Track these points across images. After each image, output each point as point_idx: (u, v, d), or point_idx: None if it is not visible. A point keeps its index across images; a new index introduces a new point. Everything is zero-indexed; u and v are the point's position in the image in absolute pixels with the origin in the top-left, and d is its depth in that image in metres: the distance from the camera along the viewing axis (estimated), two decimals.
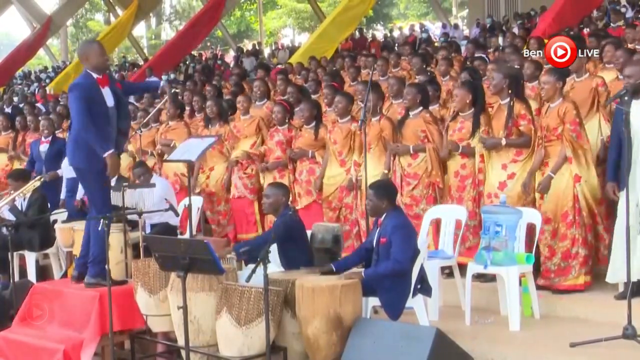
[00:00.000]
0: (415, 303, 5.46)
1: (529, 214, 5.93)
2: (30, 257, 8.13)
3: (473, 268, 5.86)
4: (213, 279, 5.28)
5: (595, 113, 6.72)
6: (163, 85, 6.48)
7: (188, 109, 10.38)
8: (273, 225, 6.05)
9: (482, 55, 10.69)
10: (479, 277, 6.20)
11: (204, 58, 27.25)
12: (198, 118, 10.01)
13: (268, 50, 29.47)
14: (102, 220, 5.64)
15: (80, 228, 6.48)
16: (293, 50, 22.57)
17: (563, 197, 6.13)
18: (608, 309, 5.70)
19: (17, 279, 7.41)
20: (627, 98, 5.33)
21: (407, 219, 5.64)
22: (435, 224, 6.62)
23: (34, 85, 26.56)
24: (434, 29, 29.49)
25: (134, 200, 7.61)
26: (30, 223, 8.07)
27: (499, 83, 6.49)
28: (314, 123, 7.97)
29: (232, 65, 21.90)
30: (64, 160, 8.16)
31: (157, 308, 5.73)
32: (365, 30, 30.95)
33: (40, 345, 6.02)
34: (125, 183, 6.79)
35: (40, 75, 29.72)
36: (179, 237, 7.31)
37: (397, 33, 28.30)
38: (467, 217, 6.35)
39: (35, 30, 30.16)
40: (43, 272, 8.38)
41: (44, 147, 9.65)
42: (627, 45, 8.54)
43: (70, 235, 7.08)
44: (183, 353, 5.23)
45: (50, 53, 38.99)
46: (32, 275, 8.03)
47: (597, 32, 11.65)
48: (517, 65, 8.14)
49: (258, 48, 28.31)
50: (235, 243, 7.91)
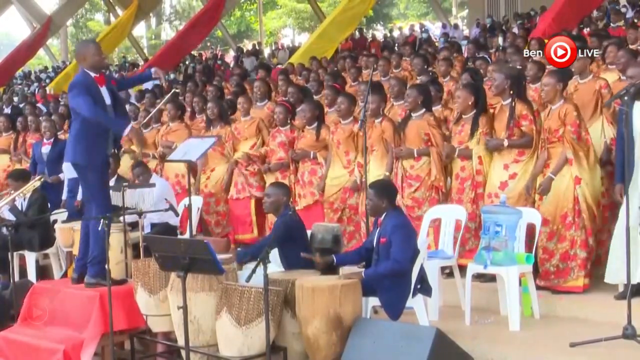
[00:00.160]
0: (415, 303, 5.46)
1: (529, 214, 5.93)
2: (30, 257, 8.13)
3: (473, 268, 5.86)
4: (213, 279, 5.28)
5: (599, 115, 6.72)
6: (155, 71, 6.47)
7: (189, 111, 10.39)
8: (273, 226, 6.05)
9: (484, 56, 10.69)
10: (479, 277, 6.20)
11: (204, 58, 27.24)
12: (199, 119, 10.01)
13: (268, 50, 29.47)
14: (102, 220, 5.65)
15: (80, 228, 6.48)
16: (293, 51, 22.57)
17: (563, 198, 6.13)
18: (608, 309, 5.70)
19: (17, 279, 7.41)
20: (627, 99, 5.32)
21: (406, 219, 5.64)
22: (435, 224, 6.62)
23: (34, 85, 26.56)
24: (434, 29, 29.49)
25: (134, 201, 7.62)
26: (30, 223, 8.07)
27: (501, 84, 6.49)
28: (316, 124, 7.97)
29: (232, 66, 21.90)
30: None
31: (157, 308, 5.73)
32: (365, 30, 30.95)
33: (40, 345, 6.02)
34: (125, 183, 6.78)
35: (40, 75, 29.72)
36: (179, 237, 7.31)
37: (397, 33, 28.29)
38: (466, 218, 6.35)
39: (35, 30, 30.16)
40: (43, 272, 8.38)
41: (46, 149, 9.66)
42: (627, 46, 8.54)
43: (70, 235, 7.08)
44: (183, 353, 5.23)
45: (50, 53, 39.00)
46: (32, 275, 8.02)
47: (598, 32, 11.65)
48: (518, 66, 8.14)
49: (258, 48, 28.31)
50: (236, 246, 7.93)
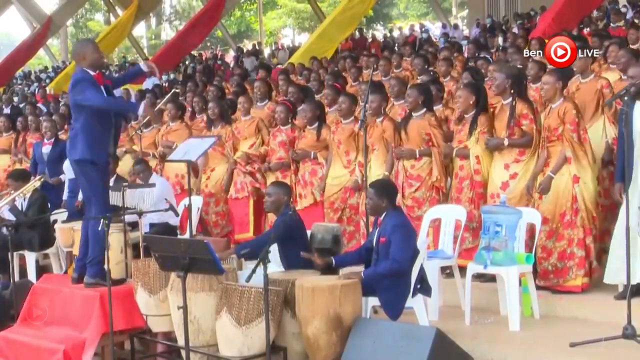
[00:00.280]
0: (415, 303, 5.46)
1: (529, 214, 5.93)
2: (30, 257, 8.13)
3: (473, 268, 5.86)
4: (213, 279, 5.29)
5: (601, 115, 6.71)
6: (148, 65, 6.48)
7: (189, 110, 10.38)
8: (273, 225, 6.06)
9: (485, 56, 10.68)
10: (479, 277, 6.19)
11: (204, 58, 27.24)
12: (199, 119, 10.02)
13: (268, 50, 29.48)
14: (102, 220, 5.65)
15: (80, 228, 6.48)
16: (293, 51, 22.57)
17: (562, 197, 6.13)
18: (607, 309, 5.70)
19: (17, 279, 7.41)
20: (627, 98, 5.32)
21: (406, 219, 5.64)
22: (435, 224, 6.62)
23: (34, 85, 26.56)
24: (434, 29, 29.49)
25: (134, 201, 7.62)
26: (30, 223, 8.07)
27: (502, 83, 6.49)
28: (317, 124, 7.97)
29: (232, 66, 21.90)
30: (66, 161, 8.16)
31: (157, 308, 5.73)
32: (365, 30, 30.95)
33: (40, 345, 6.02)
34: (125, 183, 6.78)
35: (40, 75, 29.72)
36: (179, 237, 7.31)
37: (397, 33, 28.29)
38: (466, 218, 6.35)
39: (35, 30, 30.17)
40: (43, 272, 8.36)
41: (47, 149, 9.66)
42: (627, 45, 8.54)
43: (70, 235, 7.08)
44: (183, 353, 5.23)
45: (50, 53, 38.99)
46: (32, 275, 8.02)
47: (599, 32, 11.66)
48: (519, 65, 8.13)
49: (258, 48, 28.31)
50: (236, 244, 7.92)
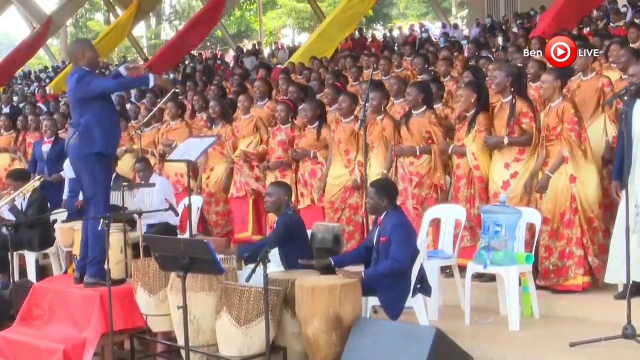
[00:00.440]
0: (415, 303, 5.46)
1: (529, 214, 5.93)
2: (30, 257, 8.13)
3: (473, 268, 5.86)
4: (213, 279, 5.28)
5: (601, 113, 6.70)
6: (125, 68, 6.48)
7: (189, 109, 10.38)
8: (274, 227, 6.05)
9: (487, 55, 10.68)
10: (479, 277, 6.19)
11: (204, 58, 27.25)
12: (199, 118, 10.02)
13: (268, 50, 29.48)
14: (102, 220, 5.65)
15: (80, 228, 6.47)
16: (293, 51, 22.57)
17: (561, 197, 6.12)
18: (608, 309, 5.70)
19: (17, 279, 7.41)
20: (627, 98, 5.32)
21: (406, 219, 5.64)
22: (435, 224, 6.62)
23: (34, 85, 26.57)
24: (434, 29, 29.50)
25: (136, 204, 7.62)
26: (30, 223, 8.06)
27: (502, 81, 6.49)
28: (317, 123, 7.97)
29: (232, 65, 21.90)
30: (66, 161, 8.16)
31: (157, 308, 5.73)
32: (365, 30, 30.95)
33: (40, 345, 6.02)
34: (125, 183, 6.78)
35: (40, 75, 29.72)
36: (179, 237, 7.31)
37: (397, 33, 28.30)
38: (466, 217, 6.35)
39: (35, 30, 30.17)
40: (43, 272, 8.37)
41: (47, 147, 9.69)
42: (628, 45, 8.53)
43: (70, 235, 7.08)
44: (183, 353, 5.23)
45: (50, 53, 38.99)
46: (32, 275, 8.02)
47: (600, 31, 11.65)
48: (520, 64, 8.13)
49: (258, 48, 28.31)
50: (238, 244, 7.92)
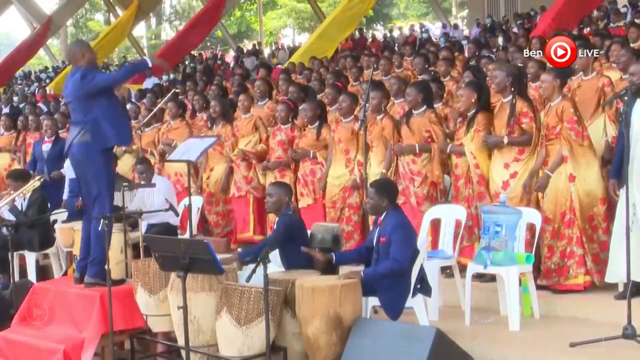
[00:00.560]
0: (415, 303, 5.46)
1: (529, 214, 5.93)
2: (30, 257, 8.13)
3: (473, 268, 5.86)
4: (213, 279, 5.28)
5: (601, 113, 6.70)
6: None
7: (190, 109, 10.38)
8: (274, 227, 6.04)
9: (489, 55, 10.67)
10: (479, 277, 6.19)
11: (204, 58, 27.24)
12: (199, 118, 10.02)
13: (268, 50, 29.48)
14: (102, 220, 5.65)
15: (80, 228, 6.47)
16: (293, 51, 22.57)
17: (561, 196, 6.12)
18: (608, 309, 5.70)
19: (17, 279, 7.41)
20: (627, 98, 5.31)
21: (406, 219, 5.63)
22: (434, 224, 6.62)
23: (34, 85, 26.56)
24: (434, 29, 29.50)
25: (136, 201, 7.62)
26: (30, 223, 8.07)
27: (502, 81, 6.49)
28: (317, 123, 7.97)
29: (232, 65, 21.90)
30: (67, 161, 8.17)
31: (157, 308, 5.72)
32: (365, 30, 30.95)
33: (40, 345, 6.02)
34: (125, 183, 6.78)
35: (40, 75, 29.72)
36: (179, 237, 7.31)
37: (397, 33, 28.29)
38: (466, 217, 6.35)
39: (35, 30, 30.16)
40: (43, 272, 8.38)
41: (47, 146, 9.72)
42: (628, 44, 8.53)
43: (70, 235, 7.08)
44: (183, 353, 5.23)
45: (50, 53, 38.99)
46: (32, 275, 8.02)
47: (601, 31, 11.65)
48: (520, 64, 8.13)
49: (258, 48, 28.31)
50: (238, 251, 7.92)
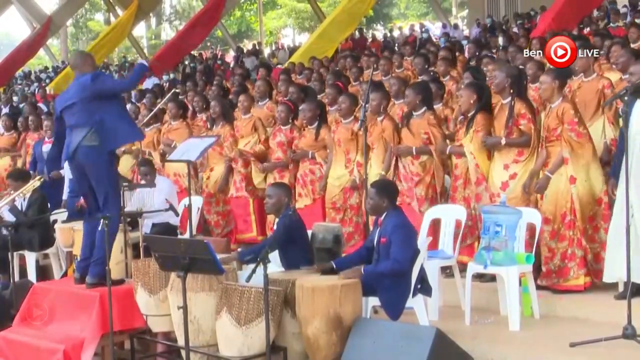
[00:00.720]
0: (415, 303, 5.46)
1: (529, 214, 5.93)
2: (30, 257, 8.13)
3: (473, 268, 5.86)
4: (213, 279, 5.28)
5: (601, 115, 6.70)
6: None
7: (191, 109, 10.39)
8: (274, 229, 6.04)
9: (491, 55, 10.66)
10: (479, 277, 6.20)
11: (204, 58, 27.24)
12: (198, 118, 10.02)
13: (268, 50, 29.47)
14: (102, 220, 5.65)
15: (81, 228, 6.47)
16: (293, 51, 22.56)
17: (561, 198, 6.12)
18: (608, 309, 5.70)
19: (17, 279, 7.41)
20: (627, 98, 5.31)
21: (407, 219, 5.63)
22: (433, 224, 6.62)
23: (34, 85, 26.56)
24: (434, 29, 29.49)
25: (137, 201, 7.62)
26: (30, 223, 8.07)
27: (501, 82, 6.49)
28: (317, 123, 7.97)
29: (232, 65, 21.90)
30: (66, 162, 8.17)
31: (157, 308, 5.73)
32: (365, 30, 30.94)
33: (40, 345, 6.02)
34: (126, 183, 6.78)
35: (40, 75, 29.70)
36: (179, 237, 7.31)
37: (397, 33, 28.29)
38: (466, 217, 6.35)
39: (35, 30, 30.14)
40: (43, 272, 8.38)
41: (47, 147, 9.71)
42: (629, 45, 8.53)
43: (70, 235, 7.08)
44: (183, 353, 5.23)
45: (50, 53, 38.97)
46: (32, 275, 8.03)
47: (601, 31, 11.65)
48: (520, 65, 8.13)
49: (258, 48, 28.30)
50: (238, 246, 7.93)
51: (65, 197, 8.85)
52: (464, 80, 7.99)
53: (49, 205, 8.46)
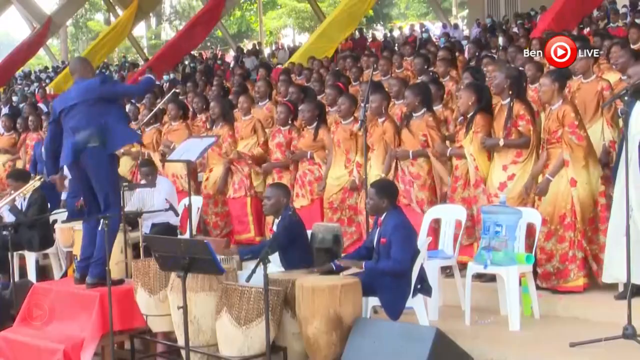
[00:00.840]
0: (415, 303, 5.46)
1: (529, 214, 5.93)
2: (30, 257, 8.13)
3: (473, 268, 5.86)
4: (213, 279, 5.28)
5: (600, 116, 6.69)
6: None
7: (192, 110, 10.39)
8: (275, 231, 6.02)
9: (492, 55, 10.65)
10: (479, 277, 6.19)
11: (204, 58, 27.25)
12: (197, 119, 10.02)
13: (268, 50, 29.48)
14: (102, 220, 5.65)
15: (81, 228, 6.47)
16: (293, 51, 22.58)
17: (561, 199, 6.12)
18: (608, 309, 5.70)
19: (17, 279, 7.41)
20: (627, 98, 5.31)
21: (407, 219, 5.63)
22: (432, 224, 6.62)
23: (34, 85, 26.56)
24: (434, 29, 29.51)
25: (137, 201, 7.62)
26: (30, 223, 8.07)
27: (500, 83, 6.48)
28: (316, 124, 7.96)
29: (232, 65, 21.90)
30: None
31: (157, 308, 5.73)
32: (365, 30, 30.95)
33: (40, 345, 6.02)
34: (126, 183, 6.78)
35: (40, 75, 29.72)
36: (179, 237, 7.31)
37: (397, 33, 28.30)
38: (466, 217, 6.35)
39: (35, 30, 30.16)
40: (43, 272, 8.38)
41: None
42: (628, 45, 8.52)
43: (70, 235, 7.08)
44: (183, 353, 5.23)
45: (50, 53, 38.97)
46: (32, 275, 8.03)
47: (600, 31, 11.65)
48: (520, 67, 8.13)
49: (258, 48, 28.31)
50: (240, 246, 7.92)
51: (64, 197, 8.85)
52: (464, 81, 7.99)
53: (49, 205, 8.46)
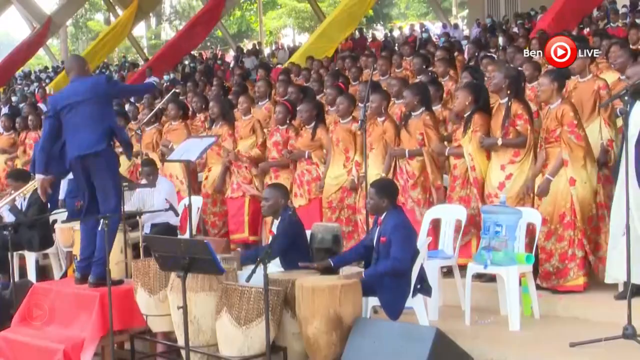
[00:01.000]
0: (415, 303, 5.46)
1: (529, 214, 5.93)
2: (30, 257, 8.13)
3: (473, 268, 5.86)
4: (213, 279, 5.28)
5: (597, 116, 6.69)
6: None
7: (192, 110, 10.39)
8: (275, 234, 6.01)
9: (491, 55, 10.65)
10: (479, 277, 6.19)
11: (204, 58, 27.25)
12: (196, 118, 10.02)
13: (268, 50, 29.48)
14: (102, 220, 5.65)
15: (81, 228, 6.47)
16: (293, 51, 22.58)
17: (560, 199, 6.12)
18: (608, 309, 5.70)
19: (17, 279, 7.41)
20: (627, 98, 5.31)
21: (407, 219, 5.63)
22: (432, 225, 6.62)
23: (34, 85, 26.57)
24: (434, 29, 29.50)
25: (137, 201, 7.62)
26: (30, 223, 8.06)
27: (499, 82, 6.49)
28: (314, 123, 7.97)
29: (232, 65, 21.90)
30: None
31: (157, 308, 5.72)
32: (365, 30, 30.95)
33: (40, 345, 6.02)
34: (126, 183, 6.77)
35: (40, 75, 29.73)
36: (179, 237, 7.31)
37: (397, 33, 28.30)
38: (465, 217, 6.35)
39: (35, 30, 30.16)
40: (43, 272, 8.38)
41: None
42: (628, 46, 8.52)
43: (70, 235, 7.08)
44: (183, 353, 5.23)
45: (50, 53, 38.97)
46: (32, 275, 8.03)
47: (600, 31, 11.66)
48: (520, 67, 8.13)
49: (258, 48, 28.31)
50: (239, 250, 7.92)
51: (62, 197, 8.85)
52: (462, 80, 7.99)
53: (49, 205, 8.45)
